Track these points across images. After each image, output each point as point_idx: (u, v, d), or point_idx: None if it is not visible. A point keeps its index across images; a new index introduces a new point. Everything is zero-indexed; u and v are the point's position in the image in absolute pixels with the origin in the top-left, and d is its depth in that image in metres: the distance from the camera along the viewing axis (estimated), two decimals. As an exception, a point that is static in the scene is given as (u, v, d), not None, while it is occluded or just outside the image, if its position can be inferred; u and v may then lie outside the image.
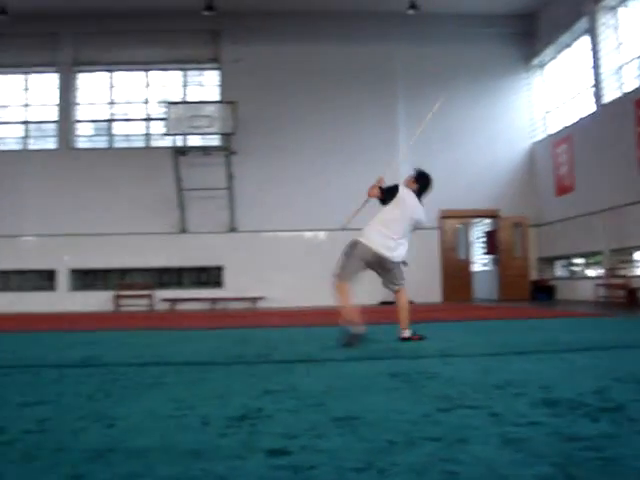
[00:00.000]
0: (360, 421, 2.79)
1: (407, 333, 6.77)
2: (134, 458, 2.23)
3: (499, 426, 2.65)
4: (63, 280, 21.26)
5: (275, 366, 4.97)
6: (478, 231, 23.35)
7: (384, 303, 19.63)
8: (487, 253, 22.03)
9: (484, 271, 22.48)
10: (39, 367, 5.19)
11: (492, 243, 21.48)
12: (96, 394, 3.69)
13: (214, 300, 20.46)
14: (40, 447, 2.41)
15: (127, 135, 22.61)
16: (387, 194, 6.83)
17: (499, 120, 21.75)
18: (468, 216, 21.81)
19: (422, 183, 7.12)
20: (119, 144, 22.40)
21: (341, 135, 21.17)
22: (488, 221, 22.07)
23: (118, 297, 20.90)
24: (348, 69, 21.39)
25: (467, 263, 21.90)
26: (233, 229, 21.09)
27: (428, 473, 2.04)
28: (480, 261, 23.05)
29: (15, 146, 22.49)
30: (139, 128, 22.61)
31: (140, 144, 22.33)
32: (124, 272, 21.46)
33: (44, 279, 21.32)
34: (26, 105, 22.65)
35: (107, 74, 22.74)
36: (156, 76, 22.73)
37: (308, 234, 20.97)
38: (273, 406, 3.18)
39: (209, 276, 21.21)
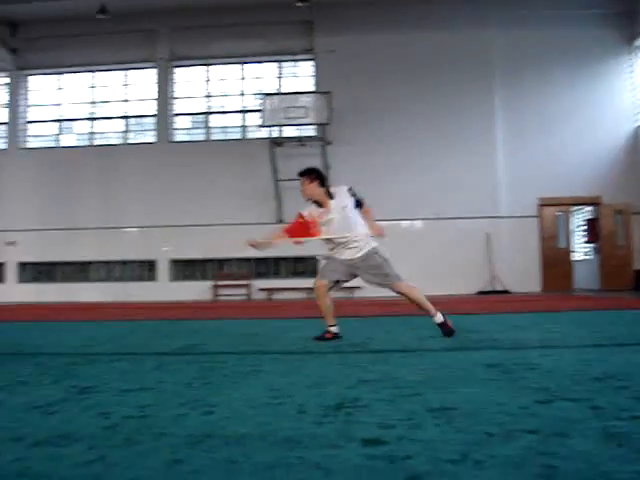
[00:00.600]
0: (457, 412, 2.75)
1: (439, 317, 6.32)
2: (232, 445, 2.26)
3: (600, 420, 2.56)
4: (163, 270, 21.81)
5: (371, 355, 4.96)
6: (579, 219, 22.68)
7: (482, 293, 19.38)
8: (588, 242, 21.38)
9: (585, 260, 21.83)
10: (141, 355, 5.34)
11: (593, 231, 20.84)
12: (195, 382, 3.77)
13: (310, 290, 20.59)
14: (141, 432, 2.47)
15: (224, 127, 22.94)
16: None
17: (600, 104, 21.04)
18: (568, 204, 21.21)
19: (317, 176, 6.45)
20: (216, 136, 22.76)
21: (437, 123, 20.92)
22: (589, 209, 21.41)
23: (216, 287, 21.29)
24: (444, 56, 21.08)
25: (567, 252, 21.33)
26: (329, 219, 21.17)
27: (526, 466, 2.00)
28: (581, 250, 22.41)
29: (116, 140, 23.17)
30: (235, 120, 22.92)
31: (236, 136, 22.62)
32: (222, 262, 21.84)
33: (145, 269, 21.92)
34: (126, 100, 23.31)
35: (203, 68, 23.13)
36: (251, 68, 22.97)
37: (405, 223, 20.83)
38: (369, 395, 3.17)
39: (305, 266, 21.34)
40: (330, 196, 6.39)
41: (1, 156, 23.27)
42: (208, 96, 23.14)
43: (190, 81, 23.18)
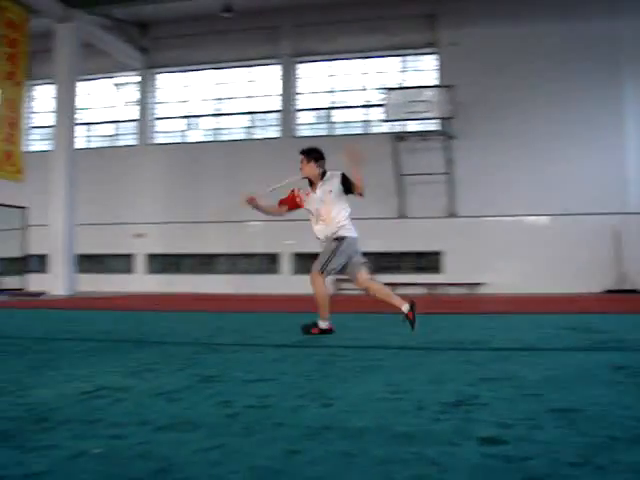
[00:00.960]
0: (579, 414, 2.65)
1: (323, 324, 6.45)
2: (349, 438, 2.25)
3: None
4: (286, 264, 22.13)
5: (492, 353, 4.85)
6: None
7: (609, 292, 18.66)
8: None
9: None
10: (263, 346, 5.43)
11: None
12: (315, 374, 3.78)
13: (432, 285, 20.40)
14: (261, 422, 2.50)
15: (346, 122, 23.04)
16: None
17: None
18: None
19: (316, 157, 6.72)
20: (339, 131, 22.88)
21: (563, 117, 20.25)
22: None
23: (338, 280, 21.42)
24: (570, 48, 20.38)
25: None
26: (452, 214, 20.90)
27: (655, 474, 1.89)
28: None
29: (240, 135, 23.67)
30: (358, 115, 22.97)
31: (359, 131, 22.67)
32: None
33: (268, 262, 22.30)
34: (250, 96, 23.76)
35: (326, 63, 23.28)
36: (374, 63, 22.95)
37: (530, 219, 20.32)
38: (489, 394, 3.10)
39: (428, 261, 21.17)
40: (322, 178, 6.71)
41: (132, 152, 24.21)
42: (331, 91, 23.29)
43: (313, 76, 23.39)
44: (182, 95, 24.56)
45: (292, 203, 7.02)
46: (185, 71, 24.42)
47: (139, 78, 24.66)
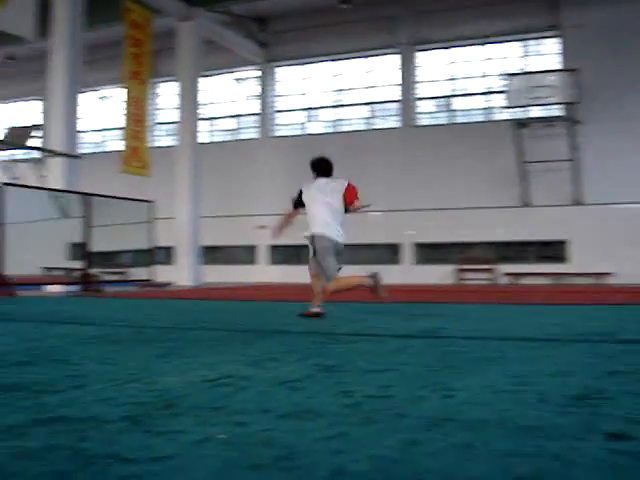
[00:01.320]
0: None
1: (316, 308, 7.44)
2: (470, 430, 2.22)
3: None
4: (407, 254, 22.03)
5: (621, 346, 4.67)
6: None
7: None
8: None
9: None
10: (384, 336, 5.42)
11: None
12: (436, 365, 3.75)
13: (558, 275, 19.85)
14: (381, 412, 2.50)
15: (467, 110, 22.71)
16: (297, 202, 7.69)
17: None
18: None
19: (319, 167, 7.90)
20: (459, 119, 22.56)
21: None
22: None
23: (460, 271, 21.16)
24: None
25: None
26: (578, 202, 20.26)
27: None
28: None
29: (360, 126, 23.70)
30: (479, 102, 22.59)
31: (480, 118, 22.29)
32: (466, 246, 21.67)
33: (390, 253, 22.26)
34: (370, 87, 23.74)
35: (445, 51, 22.99)
36: (494, 49, 22.50)
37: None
38: (616, 388, 2.98)
39: (553, 250, 20.62)
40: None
41: (254, 145, 24.68)
42: (451, 79, 23.00)
43: (432, 64, 23.15)
44: (302, 87, 24.81)
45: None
46: (304, 63, 24.65)
47: (259, 72, 25.09)
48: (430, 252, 22.03)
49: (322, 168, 8.00)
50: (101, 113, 28.81)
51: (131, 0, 18.43)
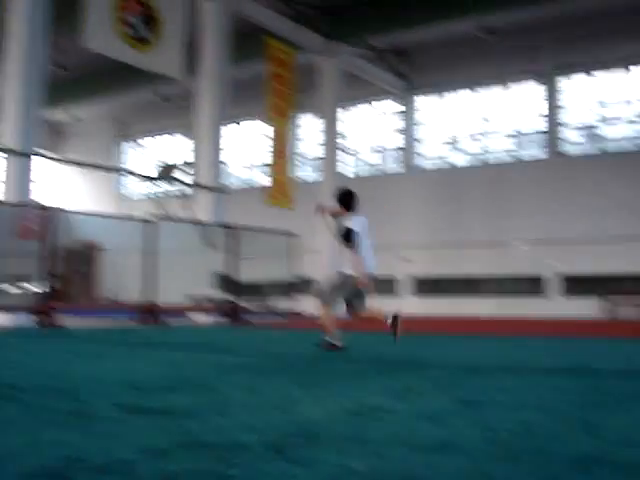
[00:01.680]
0: None
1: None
2: (620, 472, 2.12)
3: None
4: (552, 286, 21.38)
5: None
6: None
7: None
8: None
9: None
10: (527, 370, 5.27)
11: None
12: (582, 401, 3.61)
13: None
14: (524, 449, 2.43)
15: (616, 139, 21.89)
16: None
17: None
18: None
19: (345, 201, 7.29)
20: (609, 148, 21.81)
21: None
22: None
23: (611, 303, 20.31)
24: None
25: None
26: None
27: None
28: None
29: (503, 157, 23.31)
30: (628, 130, 21.76)
31: (629, 146, 21.48)
32: (616, 279, 20.79)
33: (533, 285, 21.67)
34: (513, 116, 23.34)
35: (589, 77, 22.35)
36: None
37: None
38: None
39: None
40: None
41: (398, 179, 24.74)
42: (598, 106, 22.29)
43: (578, 91, 22.52)
44: (444, 118, 24.70)
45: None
46: (447, 94, 24.54)
47: (400, 104, 25.18)
48: (577, 284, 21.28)
49: (354, 204, 7.40)
50: (247, 148, 29.71)
51: (274, 38, 19.00)
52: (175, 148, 32.11)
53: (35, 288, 13.55)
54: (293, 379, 4.68)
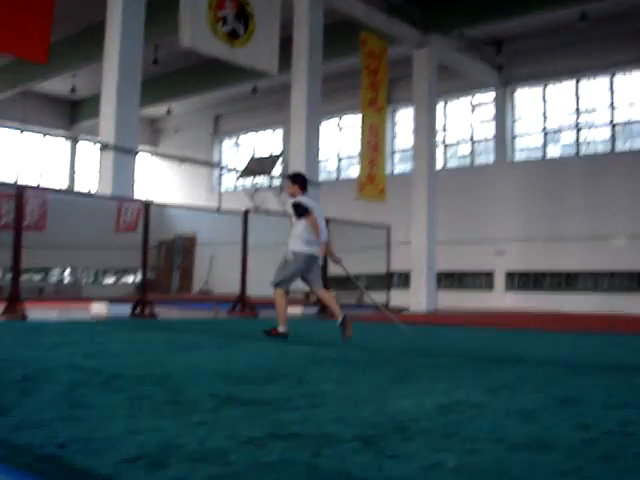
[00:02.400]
0: None
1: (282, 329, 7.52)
2: None
3: None
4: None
5: None
6: None
7: None
8: None
9: None
10: (626, 370, 5.13)
11: None
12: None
13: None
14: (621, 449, 2.37)
15: None
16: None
17: None
18: None
19: (300, 180, 8.03)
20: None
21: None
22: None
23: None
24: None
25: None
26: None
27: None
28: None
29: (602, 149, 22.63)
30: None
31: None
32: None
33: (634, 281, 21.01)
34: (614, 106, 22.61)
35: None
36: None
37: None
38: None
39: None
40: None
41: (490, 170, 24.36)
42: None
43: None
44: (540, 110, 24.15)
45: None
46: (542, 85, 23.98)
47: (495, 95, 24.77)
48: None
49: (306, 186, 8.11)
50: (339, 141, 29.81)
51: (367, 30, 18.96)
52: (270, 143, 32.48)
53: (133, 280, 13.97)
54: (384, 372, 4.69)
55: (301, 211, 7.70)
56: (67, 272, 14.10)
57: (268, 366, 4.90)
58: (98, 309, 12.88)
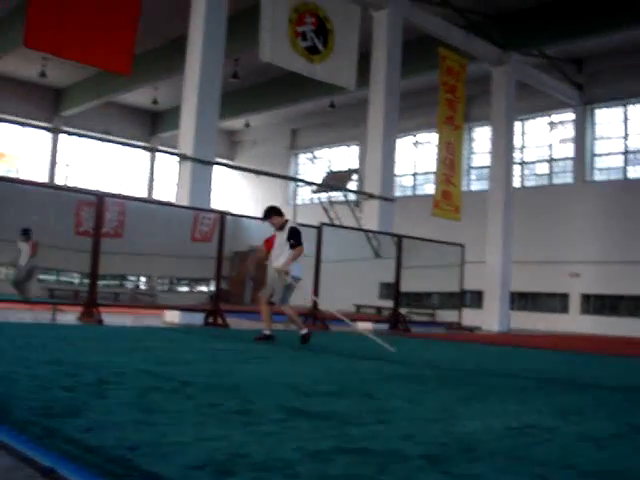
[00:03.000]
0: None
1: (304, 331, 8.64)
2: None
3: None
4: None
5: None
6: None
7: None
8: None
9: None
10: None
11: None
12: None
13: None
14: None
15: None
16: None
17: None
18: None
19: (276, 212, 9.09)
20: None
21: None
22: None
23: None
24: None
25: None
26: None
27: None
28: None
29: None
30: None
31: None
32: None
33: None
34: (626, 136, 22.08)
35: None
36: None
37: None
38: None
39: None
40: (282, 227, 8.89)
41: (569, 190, 23.92)
42: None
43: None
44: (621, 129, 23.63)
45: (269, 245, 9.11)
46: (623, 104, 23.45)
47: (574, 115, 24.34)
48: None
49: None
50: (414, 157, 29.72)
51: (447, 47, 18.88)
52: (345, 158, 32.59)
53: (206, 289, 14.16)
54: (452, 391, 4.64)
55: (299, 240, 8.74)
56: (142, 279, 14.38)
57: (337, 380, 4.91)
58: (171, 317, 13.10)
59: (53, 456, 2.05)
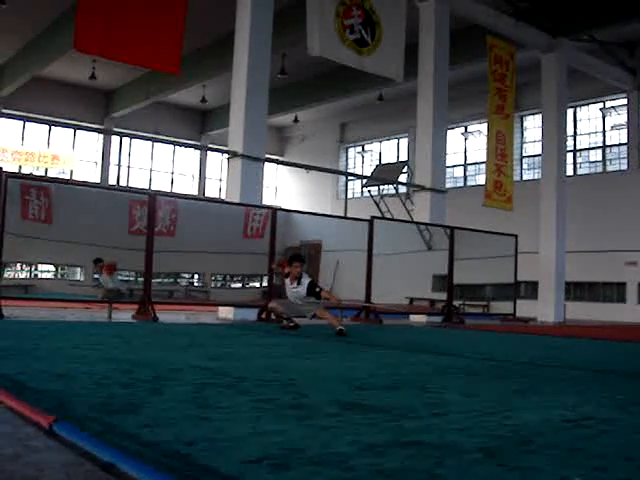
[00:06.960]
0: None
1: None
2: None
3: None
4: None
5: None
6: None
7: None
8: None
9: None
10: None
11: None
12: None
13: None
14: None
15: None
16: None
17: None
18: None
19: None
20: None
21: None
22: None
23: None
24: None
25: None
26: None
27: None
28: None
29: None
30: None
31: None
32: None
33: None
34: None
35: None
36: None
37: None
38: None
39: None
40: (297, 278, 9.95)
41: (623, 177, 23.50)
42: None
43: None
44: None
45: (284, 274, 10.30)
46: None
47: (627, 100, 23.87)
48: None
49: None
50: (465, 148, 29.48)
51: (495, 36, 18.66)
52: (395, 150, 32.50)
53: (259, 285, 14.25)
54: (509, 383, 4.60)
55: (318, 290, 9.83)
56: (196, 277, 14.53)
57: (391, 373, 4.90)
58: (225, 313, 13.23)
59: (112, 452, 2.08)
